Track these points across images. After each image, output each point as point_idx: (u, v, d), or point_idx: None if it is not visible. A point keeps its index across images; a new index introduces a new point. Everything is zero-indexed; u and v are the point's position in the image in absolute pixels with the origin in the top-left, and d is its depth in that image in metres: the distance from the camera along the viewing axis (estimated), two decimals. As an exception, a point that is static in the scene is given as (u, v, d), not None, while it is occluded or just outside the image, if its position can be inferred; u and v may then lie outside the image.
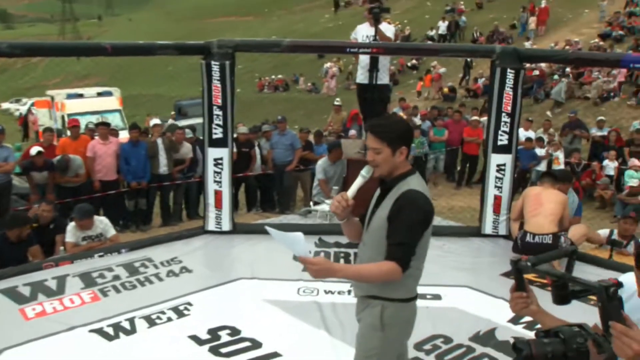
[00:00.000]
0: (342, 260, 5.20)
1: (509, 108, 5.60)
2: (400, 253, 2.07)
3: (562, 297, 1.44)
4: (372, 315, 2.24)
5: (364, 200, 2.33)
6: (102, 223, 5.70)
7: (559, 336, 1.35)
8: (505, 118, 5.62)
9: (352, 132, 9.83)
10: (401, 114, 12.10)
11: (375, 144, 2.15)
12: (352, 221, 2.32)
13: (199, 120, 7.14)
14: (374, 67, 5.89)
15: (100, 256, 5.30)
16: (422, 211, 2.11)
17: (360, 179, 2.19)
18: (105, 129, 7.78)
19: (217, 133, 5.73)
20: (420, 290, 2.38)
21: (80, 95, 16.64)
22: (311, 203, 7.14)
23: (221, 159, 5.83)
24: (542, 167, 9.77)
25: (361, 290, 2.29)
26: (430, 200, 2.19)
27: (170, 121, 15.09)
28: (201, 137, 6.49)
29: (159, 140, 7.81)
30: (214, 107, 5.66)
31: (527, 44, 21.35)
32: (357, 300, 2.38)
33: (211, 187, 5.89)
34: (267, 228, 2.01)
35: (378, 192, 2.29)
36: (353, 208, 2.24)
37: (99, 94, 16.90)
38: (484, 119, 9.24)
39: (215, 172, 5.84)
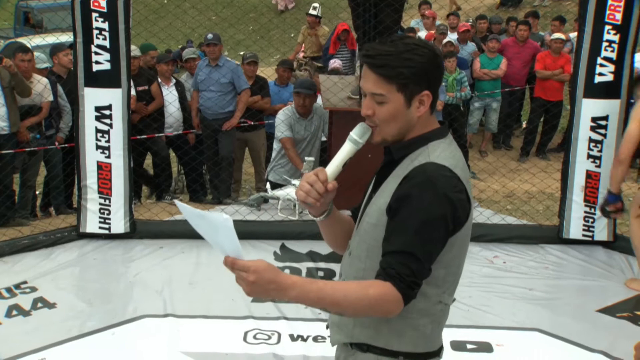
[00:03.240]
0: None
1: (619, 16, 5.58)
2: (400, 269, 2.08)
3: None
4: None
5: (358, 181, 2.34)
6: None
7: None
8: (610, 35, 5.60)
9: (338, 62, 9.74)
10: (420, 33, 11.69)
11: (377, 87, 2.18)
12: (335, 218, 2.39)
13: (66, 37, 7.19)
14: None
15: None
16: (445, 200, 2.11)
17: (349, 147, 2.25)
18: None
19: (101, 62, 5.80)
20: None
21: None
22: (267, 185, 7.14)
23: (109, 107, 5.91)
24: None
25: (342, 334, 2.34)
26: (465, 182, 2.20)
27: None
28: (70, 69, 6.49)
29: (-11, 73, 7.73)
30: (94, 15, 5.68)
31: None
32: (336, 350, 2.44)
33: (91, 157, 5.95)
34: (178, 204, 2.10)
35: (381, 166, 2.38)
36: (338, 195, 2.27)
37: None
38: (574, 35, 9.11)
39: (98, 131, 5.92)
